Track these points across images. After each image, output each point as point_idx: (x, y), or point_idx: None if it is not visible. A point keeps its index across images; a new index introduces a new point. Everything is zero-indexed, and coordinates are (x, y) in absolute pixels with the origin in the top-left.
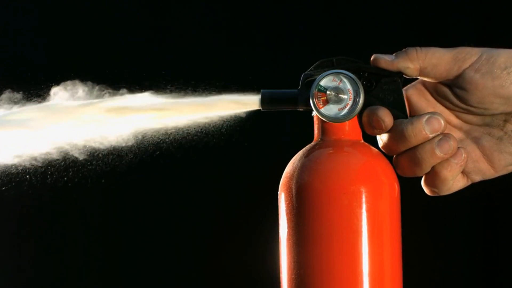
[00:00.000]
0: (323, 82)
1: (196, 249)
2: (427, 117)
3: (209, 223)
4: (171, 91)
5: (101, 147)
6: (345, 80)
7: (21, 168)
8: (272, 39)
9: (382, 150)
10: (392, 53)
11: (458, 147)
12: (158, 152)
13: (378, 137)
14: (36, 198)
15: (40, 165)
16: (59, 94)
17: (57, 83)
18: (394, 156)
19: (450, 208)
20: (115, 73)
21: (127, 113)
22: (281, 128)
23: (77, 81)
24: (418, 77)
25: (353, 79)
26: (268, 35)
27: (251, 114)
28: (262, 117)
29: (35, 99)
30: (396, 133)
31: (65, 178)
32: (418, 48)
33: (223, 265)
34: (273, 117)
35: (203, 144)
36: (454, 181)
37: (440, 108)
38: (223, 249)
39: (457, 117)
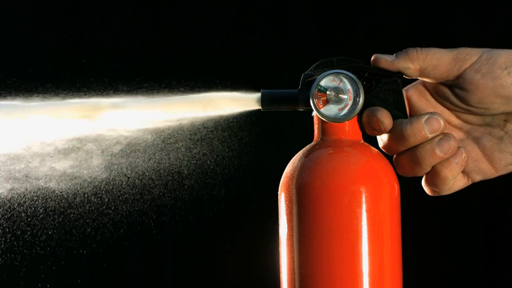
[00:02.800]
0: (323, 82)
1: (196, 249)
2: (426, 117)
3: (208, 223)
4: (171, 90)
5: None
6: (345, 80)
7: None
8: (272, 39)
9: (382, 150)
10: (392, 53)
11: (459, 147)
12: (157, 151)
13: (378, 137)
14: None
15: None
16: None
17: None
18: (394, 156)
19: (450, 208)
20: (114, 71)
21: (131, 109)
22: (281, 128)
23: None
24: (418, 78)
25: (353, 79)
26: (268, 34)
27: (251, 114)
28: (262, 117)
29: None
30: (395, 133)
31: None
32: (418, 48)
33: (222, 265)
34: (273, 117)
35: (203, 144)
36: (454, 181)
37: (440, 108)
38: (222, 249)
39: (458, 117)
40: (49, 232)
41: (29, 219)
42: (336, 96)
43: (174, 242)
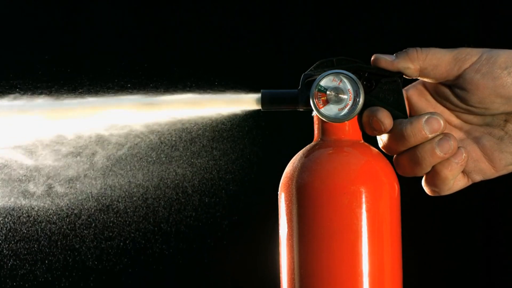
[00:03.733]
0: (323, 82)
1: (196, 249)
2: (426, 117)
3: (208, 223)
4: (171, 89)
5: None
6: (345, 80)
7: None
8: (272, 39)
9: (382, 150)
10: (392, 53)
11: (459, 147)
12: (156, 148)
13: (378, 137)
14: None
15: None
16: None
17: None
18: (395, 156)
19: (450, 208)
20: (115, 70)
21: (130, 108)
22: (281, 128)
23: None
24: (418, 78)
25: (353, 79)
26: (268, 34)
27: (251, 114)
28: (262, 117)
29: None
30: (395, 133)
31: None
32: (418, 48)
33: (222, 265)
34: (273, 117)
35: (203, 144)
36: (454, 181)
37: (440, 108)
38: (222, 249)
39: (458, 117)
40: (51, 260)
41: (28, 245)
42: (336, 96)
43: (173, 241)
